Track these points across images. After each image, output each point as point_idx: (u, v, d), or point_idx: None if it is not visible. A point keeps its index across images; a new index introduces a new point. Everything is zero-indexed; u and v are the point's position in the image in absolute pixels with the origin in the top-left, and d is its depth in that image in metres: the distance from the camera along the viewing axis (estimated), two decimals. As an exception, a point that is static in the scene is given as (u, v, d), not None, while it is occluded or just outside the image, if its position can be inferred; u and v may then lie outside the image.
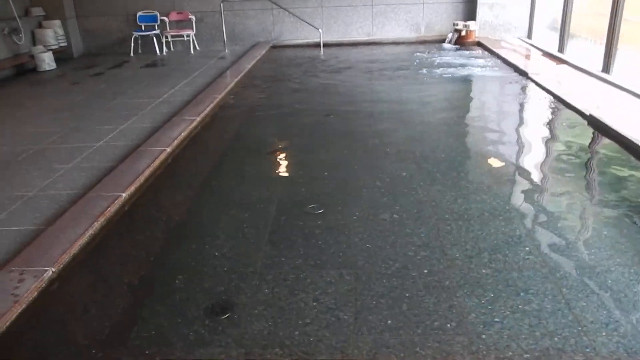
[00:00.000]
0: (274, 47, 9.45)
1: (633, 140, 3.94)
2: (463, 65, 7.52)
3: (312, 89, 6.65)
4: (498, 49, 8.30)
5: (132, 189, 3.44)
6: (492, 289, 2.53)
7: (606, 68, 6.32)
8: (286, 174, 4.08)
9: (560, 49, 7.79)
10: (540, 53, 7.95)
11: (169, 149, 4.16)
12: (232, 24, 9.63)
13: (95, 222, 2.95)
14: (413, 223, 3.19)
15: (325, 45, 9.40)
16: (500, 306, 2.39)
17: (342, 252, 2.90)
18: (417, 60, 8.04)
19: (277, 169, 4.19)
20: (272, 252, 2.91)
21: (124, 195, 3.32)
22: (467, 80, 6.85)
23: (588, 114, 4.65)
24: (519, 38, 9.20)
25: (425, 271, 2.72)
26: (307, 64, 8.18)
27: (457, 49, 8.81)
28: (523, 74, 6.64)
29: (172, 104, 5.89)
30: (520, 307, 2.40)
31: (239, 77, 6.81)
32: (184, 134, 4.52)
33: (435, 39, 9.48)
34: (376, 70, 7.55)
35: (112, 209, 3.14)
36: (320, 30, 9.35)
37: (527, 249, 2.87)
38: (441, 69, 7.38)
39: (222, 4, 9.04)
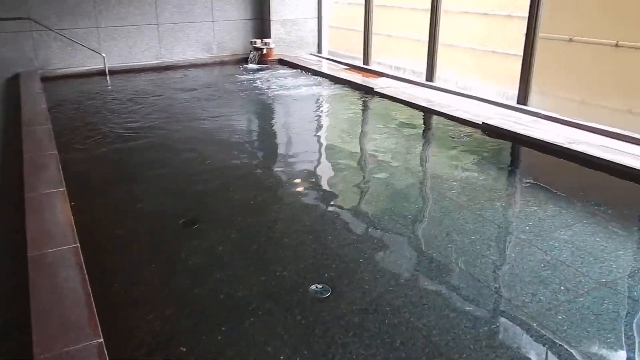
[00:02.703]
0: (44, 78, 7.42)
1: (536, 137, 4.34)
2: (295, 87, 7.21)
3: (143, 138, 5.21)
4: (311, 65, 8.29)
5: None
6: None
7: (430, 77, 6.91)
8: (240, 251, 3.10)
9: (366, 62, 8.23)
10: (345, 67, 8.22)
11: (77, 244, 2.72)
12: (-26, 51, 7.22)
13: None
14: (446, 280, 2.79)
15: (111, 72, 7.87)
16: None
17: (413, 344, 2.28)
18: (241, 85, 7.42)
19: (222, 246, 3.14)
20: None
21: None
22: (320, 103, 6.58)
23: (481, 122, 4.94)
24: (312, 54, 9.39)
25: (516, 345, 2.36)
26: (105, 100, 6.64)
27: (262, 69, 8.45)
28: (365, 89, 6.71)
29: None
30: None
31: (47, 125, 5.04)
32: (71, 216, 3.04)
33: (233, 59, 8.92)
34: (209, 100, 6.64)
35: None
36: (103, 55, 7.76)
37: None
38: (277, 92, 6.93)
39: (-40, 26, 6.66)
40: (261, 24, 9.16)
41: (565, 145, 4.17)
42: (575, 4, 6.07)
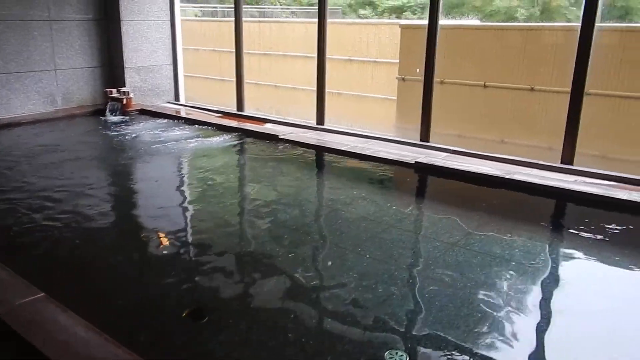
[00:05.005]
0: None
1: (475, 172, 4.84)
2: (185, 139, 6.58)
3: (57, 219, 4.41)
4: (178, 114, 7.77)
5: None
6: None
7: (320, 120, 7.09)
8: (279, 343, 2.81)
9: (240, 109, 8.04)
10: (218, 115, 7.91)
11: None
12: None
13: None
14: None
15: None
16: None
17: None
18: (123, 142, 6.56)
19: (253, 335, 2.81)
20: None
21: None
22: (236, 157, 6.11)
23: (414, 162, 5.24)
24: (170, 102, 8.80)
25: None
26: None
27: (126, 121, 7.60)
28: (267, 136, 6.52)
29: None
30: None
31: None
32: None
33: (84, 111, 7.82)
34: (100, 166, 5.71)
35: None
36: None
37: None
38: (167, 145, 6.27)
39: None
40: (110, 72, 8.26)
41: (506, 177, 4.71)
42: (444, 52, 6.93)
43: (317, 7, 6.73)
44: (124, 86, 8.11)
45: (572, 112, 5.10)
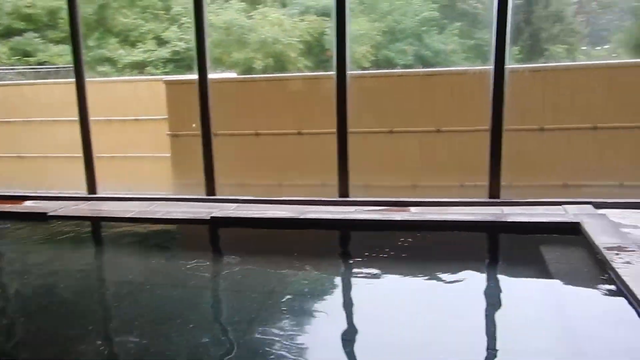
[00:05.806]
0: None
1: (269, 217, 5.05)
2: None
3: None
4: None
5: None
6: None
7: (92, 190, 6.47)
8: None
9: None
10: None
11: None
12: None
13: None
14: None
15: None
16: None
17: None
18: None
19: None
20: None
21: None
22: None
23: (209, 217, 5.15)
24: None
25: None
26: None
27: None
28: (32, 216, 5.62)
29: None
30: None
31: None
32: None
33: None
34: None
35: None
36: None
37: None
38: None
39: None
40: None
41: (300, 217, 4.99)
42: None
43: (67, 66, 6.26)
44: None
45: (341, 148, 5.72)
